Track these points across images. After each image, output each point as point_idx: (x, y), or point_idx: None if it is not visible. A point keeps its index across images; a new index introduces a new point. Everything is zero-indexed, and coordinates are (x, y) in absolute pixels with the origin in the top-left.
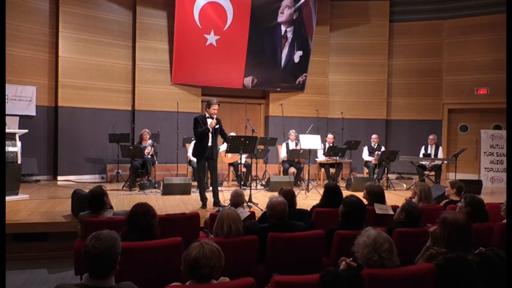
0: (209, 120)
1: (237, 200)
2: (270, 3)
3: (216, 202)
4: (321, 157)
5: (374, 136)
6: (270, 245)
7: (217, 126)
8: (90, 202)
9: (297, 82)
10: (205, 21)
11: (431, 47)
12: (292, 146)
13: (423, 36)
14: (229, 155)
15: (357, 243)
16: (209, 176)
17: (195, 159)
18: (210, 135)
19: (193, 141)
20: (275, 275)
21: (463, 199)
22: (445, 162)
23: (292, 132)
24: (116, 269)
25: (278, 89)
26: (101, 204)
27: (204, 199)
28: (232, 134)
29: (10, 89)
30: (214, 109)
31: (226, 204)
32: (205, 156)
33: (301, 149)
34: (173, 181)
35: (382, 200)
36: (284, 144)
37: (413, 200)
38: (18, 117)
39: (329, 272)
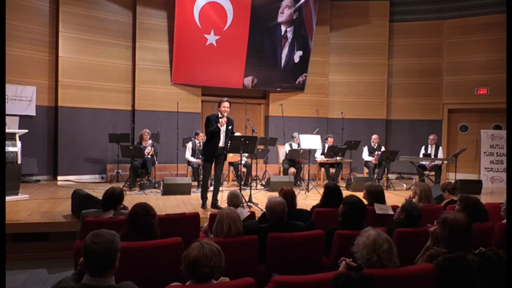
0: (221, 120)
1: (234, 202)
2: (270, 3)
3: (214, 204)
4: (319, 157)
5: (374, 136)
6: (270, 245)
7: (230, 127)
8: (107, 199)
9: (297, 82)
10: (205, 21)
11: (431, 47)
12: (295, 148)
13: (423, 36)
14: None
15: (356, 244)
16: (212, 176)
17: (193, 160)
18: (222, 135)
19: (190, 142)
20: (275, 275)
21: (458, 201)
22: (445, 162)
23: (297, 135)
24: (115, 267)
25: (278, 89)
26: (114, 206)
27: (204, 198)
28: (238, 134)
29: (10, 89)
30: (224, 107)
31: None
32: (215, 155)
33: (301, 149)
34: (173, 181)
35: (382, 200)
36: (287, 145)
37: (413, 200)
38: (18, 117)
39: (342, 275)
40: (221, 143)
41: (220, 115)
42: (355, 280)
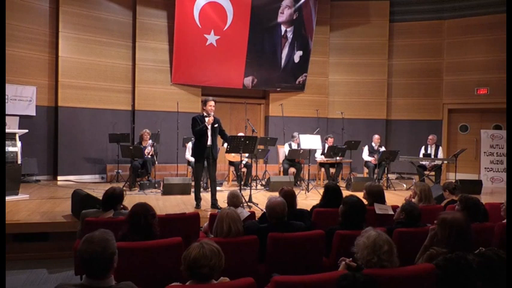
0: (207, 119)
1: (234, 202)
2: (270, 3)
3: (214, 203)
4: (319, 157)
5: (376, 136)
6: (270, 245)
7: (216, 125)
8: (107, 199)
9: (297, 82)
10: (205, 21)
11: (431, 47)
12: (294, 147)
13: (423, 36)
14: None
15: (356, 244)
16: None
17: (193, 160)
18: (210, 134)
19: (190, 142)
20: (275, 275)
21: (458, 201)
22: (445, 162)
23: (297, 135)
24: (113, 268)
25: (278, 89)
26: (114, 206)
27: (198, 199)
28: (241, 134)
29: (10, 89)
30: (210, 105)
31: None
32: (205, 155)
33: (301, 149)
34: (173, 181)
35: (382, 200)
36: (287, 145)
37: (413, 200)
38: (18, 117)
39: (347, 276)
40: (209, 142)
41: (205, 114)
42: (360, 282)
